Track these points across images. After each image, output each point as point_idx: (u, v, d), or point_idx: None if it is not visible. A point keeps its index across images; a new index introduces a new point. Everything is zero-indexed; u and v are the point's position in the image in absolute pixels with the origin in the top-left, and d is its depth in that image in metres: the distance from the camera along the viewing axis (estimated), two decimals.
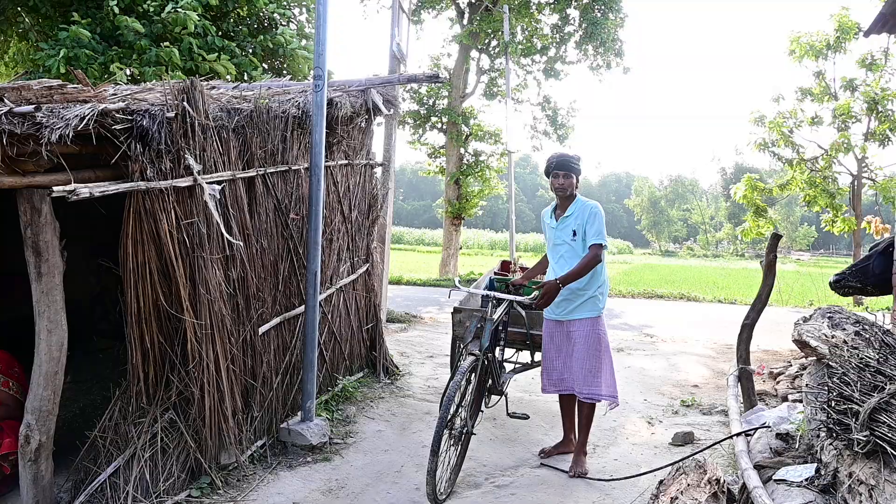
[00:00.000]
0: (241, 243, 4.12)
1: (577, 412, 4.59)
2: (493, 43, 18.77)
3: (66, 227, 3.41)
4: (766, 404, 5.81)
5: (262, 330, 4.42)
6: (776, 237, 5.41)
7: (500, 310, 4.45)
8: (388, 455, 4.68)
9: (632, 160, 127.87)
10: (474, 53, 19.24)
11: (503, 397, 4.72)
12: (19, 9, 8.82)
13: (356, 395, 5.64)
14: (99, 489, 3.50)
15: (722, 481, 3.76)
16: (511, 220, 14.85)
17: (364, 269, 6.09)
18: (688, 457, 4.12)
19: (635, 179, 66.70)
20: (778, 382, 6.62)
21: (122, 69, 8.77)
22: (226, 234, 3.70)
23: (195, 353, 3.78)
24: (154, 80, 8.02)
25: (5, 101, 3.10)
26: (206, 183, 3.62)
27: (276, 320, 4.59)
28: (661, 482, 4.04)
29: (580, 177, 4.47)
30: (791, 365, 7.01)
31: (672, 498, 3.70)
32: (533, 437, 5.15)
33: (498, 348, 4.73)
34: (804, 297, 15.26)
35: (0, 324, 4.18)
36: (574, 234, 4.40)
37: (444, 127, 19.20)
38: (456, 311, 5.25)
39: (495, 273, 5.87)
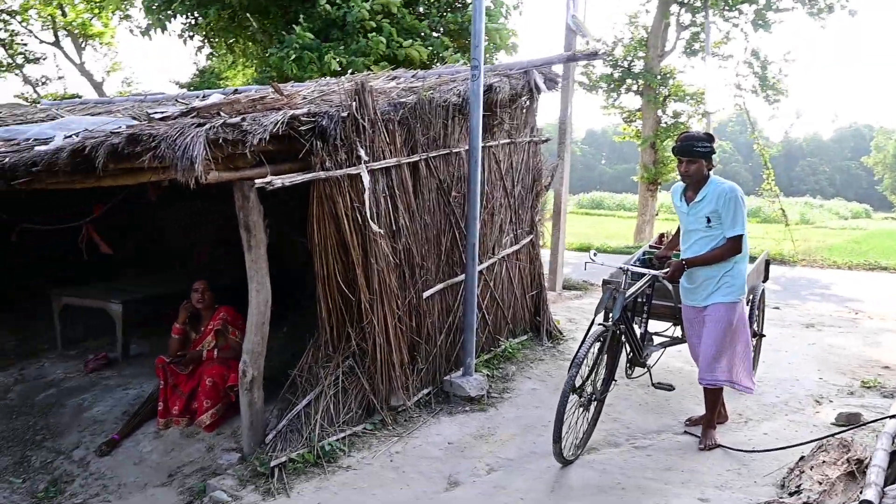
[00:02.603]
0: (404, 222, 4.80)
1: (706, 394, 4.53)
2: None
3: (275, 211, 4.27)
4: None
5: (425, 295, 5.09)
6: None
7: (638, 283, 4.58)
8: (539, 411, 5.14)
9: (876, 111, 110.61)
10: (674, 8, 18.29)
11: (647, 370, 4.82)
12: (248, 15, 10.40)
13: (517, 355, 6.15)
14: (296, 416, 4.41)
15: (865, 462, 3.70)
16: None
17: (528, 240, 6.53)
18: (832, 435, 4.05)
19: (876, 133, 58.12)
20: None
21: (335, 59, 9.96)
22: (370, 223, 4.38)
23: (367, 313, 4.54)
24: (363, 71, 9.09)
25: (221, 114, 4.00)
26: (366, 172, 4.32)
27: (438, 286, 5.24)
28: (801, 458, 4.06)
29: (713, 157, 4.18)
30: None
31: (801, 472, 3.74)
32: (684, 406, 5.27)
33: (641, 321, 4.84)
34: None
35: (228, 286, 5.28)
36: (708, 220, 4.19)
37: (640, 89, 18.60)
38: (605, 283, 5.43)
39: (650, 246, 5.93)
